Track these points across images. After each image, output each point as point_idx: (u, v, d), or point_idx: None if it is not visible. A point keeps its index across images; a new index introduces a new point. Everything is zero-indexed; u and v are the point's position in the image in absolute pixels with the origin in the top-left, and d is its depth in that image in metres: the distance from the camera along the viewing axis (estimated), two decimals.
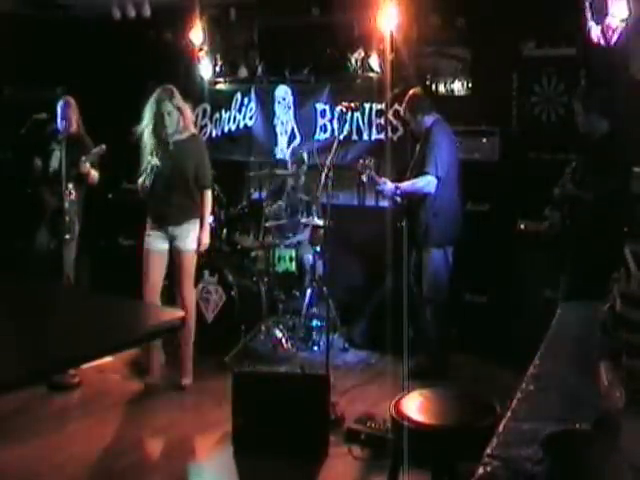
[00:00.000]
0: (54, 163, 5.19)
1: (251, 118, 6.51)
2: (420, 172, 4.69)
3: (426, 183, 4.65)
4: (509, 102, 5.35)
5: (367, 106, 5.78)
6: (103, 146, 5.08)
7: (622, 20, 3.75)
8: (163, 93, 4.49)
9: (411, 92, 4.92)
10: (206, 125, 6.65)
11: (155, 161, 4.44)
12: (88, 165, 5.10)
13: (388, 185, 4.75)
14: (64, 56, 6.68)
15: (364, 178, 4.76)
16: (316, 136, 6.13)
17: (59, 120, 5.25)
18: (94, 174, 5.22)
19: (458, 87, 5.59)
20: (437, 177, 4.63)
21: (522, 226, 5.13)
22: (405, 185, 4.74)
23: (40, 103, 5.41)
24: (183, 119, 4.55)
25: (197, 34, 6.04)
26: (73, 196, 5.14)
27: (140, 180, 4.55)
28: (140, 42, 6.48)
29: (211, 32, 6.21)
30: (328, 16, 5.96)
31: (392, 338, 4.85)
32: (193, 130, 4.77)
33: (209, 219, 4.79)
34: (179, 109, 4.51)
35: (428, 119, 4.81)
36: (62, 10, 6.45)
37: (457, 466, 2.51)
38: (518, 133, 5.36)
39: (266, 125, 6.45)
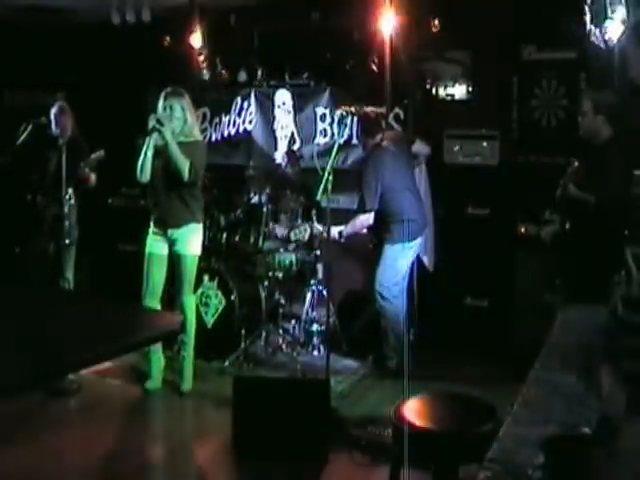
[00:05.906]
0: (51, 169, 5.19)
1: (251, 122, 6.51)
2: (360, 205, 4.89)
3: (364, 220, 4.87)
4: (509, 106, 5.35)
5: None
6: (102, 152, 5.07)
7: (622, 23, 3.74)
8: (172, 90, 4.54)
9: (364, 111, 5.04)
10: (206, 129, 6.65)
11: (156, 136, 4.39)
12: (87, 170, 5.11)
13: (332, 233, 4.73)
14: (64, 61, 6.69)
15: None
16: (316, 140, 6.13)
17: (54, 127, 5.24)
18: (93, 178, 5.23)
19: (458, 91, 5.59)
20: (373, 210, 4.81)
21: (523, 230, 5.13)
22: (347, 230, 4.87)
23: (40, 108, 5.41)
24: (188, 122, 4.55)
25: (197, 38, 6.05)
26: (73, 201, 5.15)
27: (139, 162, 4.46)
28: (140, 47, 6.48)
29: (211, 36, 6.21)
30: (328, 20, 5.96)
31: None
32: (198, 136, 4.76)
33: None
34: (184, 109, 4.52)
35: (369, 140, 4.94)
36: (62, 15, 6.46)
37: (458, 471, 2.51)
38: (518, 137, 5.35)
39: (266, 129, 6.44)
